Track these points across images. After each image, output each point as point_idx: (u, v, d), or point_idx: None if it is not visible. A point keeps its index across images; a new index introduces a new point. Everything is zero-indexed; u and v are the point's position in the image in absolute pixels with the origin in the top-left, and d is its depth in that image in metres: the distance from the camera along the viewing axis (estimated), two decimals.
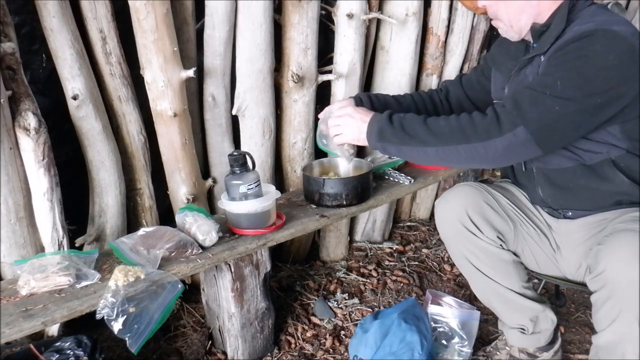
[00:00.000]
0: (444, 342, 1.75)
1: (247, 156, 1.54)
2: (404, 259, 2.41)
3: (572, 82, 1.26)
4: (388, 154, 1.49)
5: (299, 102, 2.03)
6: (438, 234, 1.68)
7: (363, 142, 1.48)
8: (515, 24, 1.44)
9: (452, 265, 2.32)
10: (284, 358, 1.80)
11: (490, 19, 1.53)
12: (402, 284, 2.20)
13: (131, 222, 1.88)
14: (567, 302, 2.08)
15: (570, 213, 1.51)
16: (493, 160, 1.33)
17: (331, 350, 1.83)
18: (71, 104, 1.61)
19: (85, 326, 1.53)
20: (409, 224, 2.73)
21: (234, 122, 2.01)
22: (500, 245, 1.53)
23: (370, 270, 2.31)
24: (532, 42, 1.47)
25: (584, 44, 1.27)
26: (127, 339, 1.27)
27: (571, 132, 1.31)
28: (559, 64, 1.30)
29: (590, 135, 1.36)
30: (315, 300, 2.08)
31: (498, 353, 1.72)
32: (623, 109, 1.28)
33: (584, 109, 1.26)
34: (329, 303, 2.07)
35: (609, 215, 1.42)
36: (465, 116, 1.34)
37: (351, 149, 1.61)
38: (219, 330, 1.76)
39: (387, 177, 1.96)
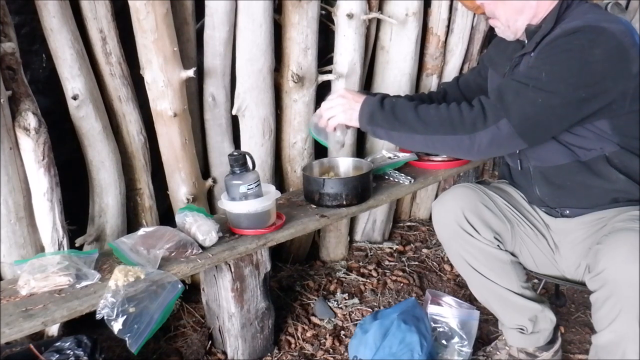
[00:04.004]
0: (443, 342, 1.75)
1: (247, 156, 1.54)
2: (404, 259, 2.41)
3: (557, 75, 1.27)
4: (377, 137, 1.52)
5: (299, 102, 2.03)
6: None
7: (355, 122, 1.50)
8: (512, 24, 1.45)
9: (452, 265, 2.32)
10: (284, 358, 1.80)
11: (488, 18, 1.54)
12: (402, 284, 2.21)
13: (131, 222, 1.88)
14: (567, 302, 2.08)
15: (567, 211, 1.51)
16: (478, 152, 1.35)
17: (331, 350, 1.83)
18: (71, 104, 1.61)
19: (85, 326, 1.53)
20: (409, 224, 2.73)
21: (234, 122, 2.01)
22: (498, 245, 1.53)
23: (370, 270, 2.31)
24: (526, 42, 1.48)
25: (571, 39, 1.29)
26: (127, 339, 1.26)
27: (555, 125, 1.33)
28: (546, 58, 1.32)
29: (583, 132, 1.36)
30: (315, 300, 2.08)
31: (498, 353, 1.72)
32: (610, 104, 1.29)
33: (567, 102, 1.28)
34: (329, 303, 2.07)
35: (607, 213, 1.43)
36: (454, 107, 1.36)
37: (342, 135, 1.61)
38: (219, 330, 1.76)
39: (387, 177, 1.96)
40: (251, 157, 1.56)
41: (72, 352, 1.36)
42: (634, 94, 1.30)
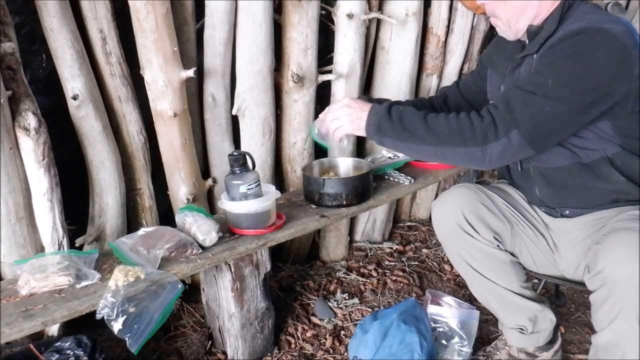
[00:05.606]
0: (443, 342, 1.75)
1: (247, 156, 1.54)
2: (404, 259, 2.41)
3: (563, 80, 1.27)
4: (385, 147, 1.50)
5: (299, 102, 2.03)
6: None
7: (362, 132, 1.47)
8: (513, 24, 1.45)
9: (452, 265, 2.32)
10: (284, 358, 1.80)
11: (489, 17, 1.54)
12: (402, 284, 2.21)
13: (131, 222, 1.88)
14: (567, 302, 2.08)
15: (567, 211, 1.51)
16: (489, 162, 1.34)
17: (331, 350, 1.83)
18: (71, 104, 1.61)
19: (85, 326, 1.53)
20: (409, 224, 2.73)
21: (234, 122, 2.01)
22: (497, 245, 1.53)
23: (370, 270, 2.31)
24: (527, 42, 1.47)
25: (574, 42, 1.28)
26: (127, 339, 1.27)
27: (562, 131, 1.33)
28: (550, 62, 1.31)
29: (585, 133, 1.36)
30: (315, 300, 2.08)
31: (498, 353, 1.72)
32: (614, 105, 1.29)
33: (574, 107, 1.28)
34: (329, 303, 2.07)
35: (606, 213, 1.43)
36: (464, 117, 1.35)
37: (348, 144, 1.60)
38: (219, 330, 1.76)
39: (387, 177, 1.96)
40: (251, 157, 1.56)
41: (72, 352, 1.36)
42: (636, 95, 1.30)
